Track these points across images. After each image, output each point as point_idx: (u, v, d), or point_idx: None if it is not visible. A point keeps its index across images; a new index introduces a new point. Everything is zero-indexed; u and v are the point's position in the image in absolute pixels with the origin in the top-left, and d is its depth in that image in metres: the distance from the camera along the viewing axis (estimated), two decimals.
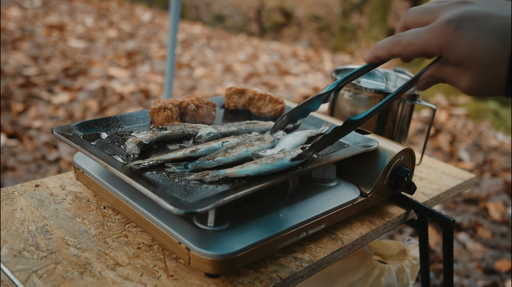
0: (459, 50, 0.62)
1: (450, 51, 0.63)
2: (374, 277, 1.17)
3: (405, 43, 0.67)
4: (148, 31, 6.42)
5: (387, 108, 1.14)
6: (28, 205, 0.87)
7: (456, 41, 0.61)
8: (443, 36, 0.62)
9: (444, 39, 0.62)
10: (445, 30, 0.62)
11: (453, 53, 0.62)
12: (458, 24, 0.61)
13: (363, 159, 0.94)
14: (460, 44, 0.61)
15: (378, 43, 0.71)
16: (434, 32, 0.63)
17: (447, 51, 0.63)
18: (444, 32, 0.62)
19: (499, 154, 3.74)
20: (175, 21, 2.86)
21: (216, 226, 0.73)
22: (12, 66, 4.30)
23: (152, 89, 4.28)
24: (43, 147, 3.11)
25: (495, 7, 0.62)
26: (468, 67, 0.62)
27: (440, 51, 0.64)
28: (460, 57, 0.62)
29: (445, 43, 0.62)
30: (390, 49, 0.69)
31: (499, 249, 2.58)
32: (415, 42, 0.66)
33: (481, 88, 0.63)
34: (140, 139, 0.83)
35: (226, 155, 0.80)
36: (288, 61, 6.10)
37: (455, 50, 0.62)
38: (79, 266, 0.72)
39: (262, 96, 1.08)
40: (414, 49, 0.66)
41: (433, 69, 0.70)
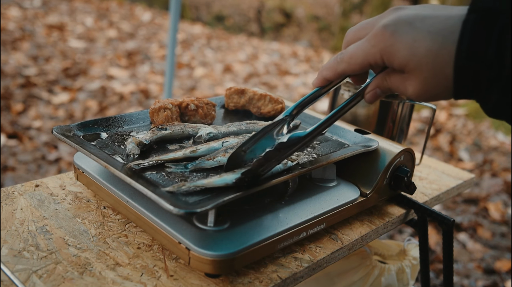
0: (399, 54, 0.60)
1: (391, 56, 0.61)
2: (374, 277, 1.17)
3: (348, 58, 0.65)
4: (148, 31, 6.42)
5: (387, 108, 1.14)
6: (28, 205, 0.87)
7: (395, 45, 0.60)
8: (381, 41, 0.61)
9: (383, 45, 0.61)
10: (382, 36, 0.61)
11: (394, 59, 0.61)
12: (394, 28, 0.60)
13: (363, 159, 0.94)
14: (399, 48, 0.60)
15: (323, 65, 0.70)
16: (372, 40, 0.62)
17: (388, 57, 0.61)
18: (382, 38, 0.61)
19: (499, 154, 3.74)
20: (175, 21, 2.86)
21: (216, 226, 0.73)
22: (12, 66, 4.30)
23: (152, 89, 4.28)
24: (43, 147, 3.11)
25: (430, 9, 0.61)
26: (411, 71, 0.61)
27: (382, 58, 0.62)
28: (401, 61, 0.60)
29: (384, 49, 0.61)
30: (335, 67, 0.68)
31: (499, 249, 2.58)
32: (356, 55, 0.64)
33: (429, 92, 0.61)
34: (140, 139, 0.83)
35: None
36: (288, 61, 6.10)
37: (396, 55, 0.60)
38: (79, 266, 0.72)
39: (262, 96, 1.08)
40: (357, 62, 0.64)
41: (378, 79, 0.69)
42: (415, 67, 0.60)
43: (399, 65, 0.61)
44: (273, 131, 0.76)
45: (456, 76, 0.57)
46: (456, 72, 0.57)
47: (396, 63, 0.61)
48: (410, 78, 0.62)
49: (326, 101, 4.30)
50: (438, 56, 0.57)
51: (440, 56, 0.57)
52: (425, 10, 0.61)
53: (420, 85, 0.61)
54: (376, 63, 0.63)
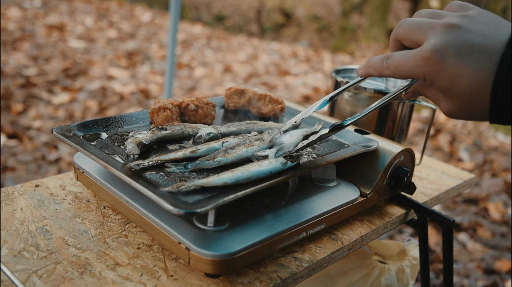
0: (441, 81, 0.64)
1: (433, 80, 0.65)
2: (374, 277, 1.17)
3: (394, 68, 0.69)
4: (148, 31, 6.42)
5: (387, 108, 1.14)
6: (28, 205, 0.87)
7: (439, 73, 0.63)
8: (427, 65, 0.64)
9: (428, 69, 0.64)
10: (429, 60, 0.64)
11: (436, 83, 0.65)
12: (441, 56, 0.63)
13: (363, 159, 0.94)
14: (443, 77, 0.63)
15: (371, 61, 0.73)
16: (419, 61, 0.65)
17: (431, 80, 0.65)
18: (428, 63, 0.64)
19: (499, 154, 3.74)
20: (175, 21, 2.86)
21: (216, 226, 0.73)
22: (12, 66, 4.31)
23: (152, 89, 4.28)
24: (43, 147, 3.11)
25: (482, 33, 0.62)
26: (449, 97, 0.65)
27: (425, 78, 0.66)
28: (442, 87, 0.65)
29: (428, 72, 0.64)
30: (381, 71, 0.72)
31: (499, 249, 2.58)
32: (402, 68, 0.68)
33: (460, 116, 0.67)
34: (140, 139, 0.83)
35: (226, 156, 0.80)
36: (288, 61, 6.10)
37: (438, 81, 0.64)
38: (79, 266, 0.72)
39: (262, 96, 1.08)
40: (401, 74, 0.68)
41: (419, 86, 0.75)
42: (453, 96, 0.64)
43: (439, 88, 0.66)
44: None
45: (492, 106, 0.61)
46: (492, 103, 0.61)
47: (437, 86, 0.66)
48: (446, 100, 0.67)
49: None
50: (475, 93, 0.62)
51: (477, 93, 0.62)
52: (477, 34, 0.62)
53: (454, 109, 0.66)
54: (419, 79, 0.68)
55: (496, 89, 0.60)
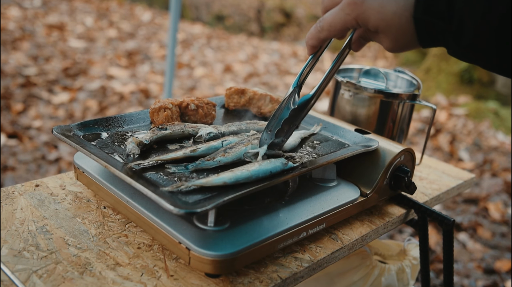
0: (371, 19, 0.70)
1: (364, 21, 0.71)
2: (374, 277, 1.17)
3: (327, 26, 0.74)
4: (148, 31, 6.42)
5: (387, 108, 1.14)
6: (28, 205, 0.87)
7: (366, 12, 0.69)
8: (354, 10, 0.70)
9: (356, 13, 0.70)
10: (354, 5, 0.70)
11: (367, 23, 0.71)
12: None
13: (363, 159, 0.94)
14: (371, 14, 0.69)
15: (307, 35, 0.79)
16: (346, 9, 0.71)
17: (363, 22, 0.71)
18: (354, 7, 0.70)
19: (499, 154, 3.74)
20: (175, 21, 2.86)
21: (216, 226, 0.73)
22: (12, 66, 4.30)
23: (152, 89, 4.28)
24: (43, 147, 3.11)
25: None
26: (383, 31, 0.71)
27: (357, 22, 0.71)
28: (373, 25, 0.70)
29: (358, 16, 0.70)
30: (317, 36, 0.77)
31: (499, 249, 2.58)
32: (334, 23, 0.73)
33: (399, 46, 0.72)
34: (140, 139, 0.83)
35: (225, 155, 0.80)
36: (288, 61, 6.10)
37: (368, 20, 0.70)
38: (79, 266, 0.72)
39: (262, 96, 1.08)
40: (336, 28, 0.74)
41: (360, 31, 0.78)
42: (385, 28, 0.70)
43: (372, 27, 0.71)
44: (288, 103, 0.84)
45: (417, 29, 0.68)
46: (416, 25, 0.67)
47: (370, 26, 0.71)
48: (383, 37, 0.72)
49: (326, 102, 4.30)
50: (402, 17, 0.68)
51: (403, 17, 0.68)
52: None
53: (392, 42, 0.72)
54: (353, 27, 0.73)
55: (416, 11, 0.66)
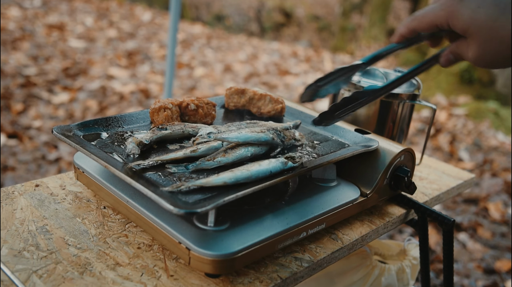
0: (462, 18, 0.67)
1: (455, 20, 0.68)
2: (374, 277, 1.17)
3: (420, 16, 0.73)
4: (148, 31, 6.42)
5: (387, 108, 1.13)
6: (28, 205, 0.87)
7: (460, 10, 0.67)
8: (449, 6, 0.68)
9: (450, 9, 0.68)
10: (451, 1, 0.68)
11: (458, 22, 0.68)
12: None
13: (363, 159, 0.94)
14: (464, 13, 0.66)
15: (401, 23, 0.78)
16: (443, 4, 0.70)
17: (453, 21, 0.69)
18: (450, 3, 0.68)
19: (499, 154, 3.74)
20: (175, 21, 2.86)
21: (216, 226, 0.73)
22: (12, 66, 4.30)
23: (152, 89, 4.28)
24: (43, 147, 3.11)
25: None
26: (471, 35, 0.67)
27: (447, 21, 0.69)
28: (463, 25, 0.67)
29: (451, 12, 0.68)
30: (408, 24, 0.76)
31: (499, 249, 2.58)
32: (427, 15, 0.72)
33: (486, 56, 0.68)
34: (140, 139, 0.83)
35: (226, 156, 0.80)
36: (288, 61, 6.10)
37: (459, 19, 0.67)
38: (79, 266, 0.72)
39: (262, 96, 1.08)
40: (426, 21, 0.72)
41: (452, 46, 0.75)
42: (475, 30, 0.66)
43: (461, 28, 0.68)
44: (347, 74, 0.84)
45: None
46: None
47: (459, 26, 0.68)
48: (471, 43, 0.68)
49: (326, 101, 4.30)
50: (497, 21, 0.64)
51: (499, 21, 0.64)
52: None
53: (479, 49, 0.67)
54: (441, 26, 0.71)
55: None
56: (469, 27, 0.67)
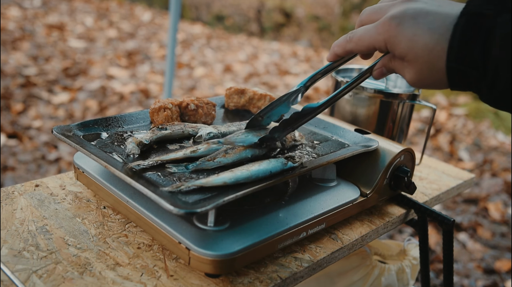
0: (400, 45, 0.66)
1: (393, 46, 0.67)
2: (374, 277, 1.17)
3: (356, 39, 0.71)
4: (148, 31, 6.41)
5: (387, 108, 1.14)
6: (28, 205, 0.87)
7: (397, 37, 0.66)
8: (387, 31, 0.67)
9: (388, 35, 0.67)
10: (388, 26, 0.66)
11: (396, 48, 0.67)
12: (399, 21, 0.65)
13: (363, 159, 0.94)
14: (401, 40, 0.65)
15: (335, 42, 0.76)
16: (379, 28, 0.68)
17: (391, 46, 0.67)
18: (387, 28, 0.67)
19: (499, 154, 3.74)
20: (175, 21, 2.86)
21: (216, 226, 0.73)
22: (12, 66, 4.30)
23: (152, 89, 4.28)
24: (43, 147, 3.11)
25: (436, 5, 0.65)
26: (409, 61, 0.66)
27: (385, 45, 0.68)
28: (402, 52, 0.66)
29: (388, 38, 0.67)
30: (344, 45, 0.74)
31: (499, 249, 2.58)
32: (364, 38, 0.70)
33: (423, 81, 0.67)
34: (140, 139, 0.83)
35: (226, 156, 0.80)
36: (288, 61, 6.10)
37: (397, 45, 0.66)
38: (79, 266, 0.72)
39: (262, 96, 1.08)
40: (364, 44, 0.70)
41: (385, 60, 0.74)
42: (412, 58, 0.65)
43: (399, 54, 0.67)
44: (289, 99, 0.83)
45: (448, 74, 0.63)
46: (448, 72, 0.63)
47: (397, 52, 0.67)
48: (408, 67, 0.68)
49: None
50: (433, 51, 0.63)
51: (435, 51, 0.63)
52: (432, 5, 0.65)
53: (416, 74, 0.67)
54: (380, 49, 0.70)
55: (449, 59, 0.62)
56: (407, 54, 0.66)
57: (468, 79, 0.62)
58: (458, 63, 0.61)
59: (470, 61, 0.60)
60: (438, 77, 0.65)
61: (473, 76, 0.61)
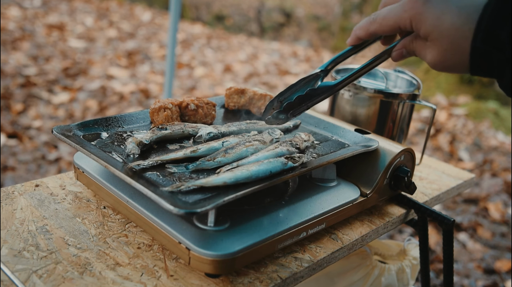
0: (426, 23, 0.65)
1: (419, 24, 0.66)
2: (374, 277, 1.17)
3: (380, 19, 0.70)
4: (148, 31, 6.42)
5: (387, 108, 1.14)
6: (28, 205, 0.87)
7: (424, 14, 0.65)
8: (413, 9, 0.66)
9: (414, 12, 0.66)
10: (415, 3, 0.65)
11: (421, 26, 0.66)
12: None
13: (363, 159, 0.94)
14: (428, 18, 0.64)
15: (357, 25, 0.75)
16: (405, 6, 0.67)
17: (416, 24, 0.66)
18: (414, 5, 0.66)
19: (499, 154, 3.74)
20: (175, 21, 2.86)
21: (216, 226, 0.73)
22: (12, 66, 4.30)
23: (152, 89, 4.28)
24: (43, 147, 3.11)
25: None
26: (433, 40, 0.65)
27: (411, 23, 0.67)
28: (427, 30, 0.65)
29: (414, 15, 0.66)
30: (367, 27, 0.73)
31: (499, 249, 2.58)
32: (389, 17, 0.69)
33: (445, 63, 0.66)
34: (140, 139, 0.83)
35: (226, 156, 0.80)
36: (288, 61, 6.10)
37: (423, 23, 0.65)
38: (79, 266, 0.72)
39: (262, 96, 1.08)
40: (388, 24, 0.69)
41: (406, 41, 0.73)
42: (437, 37, 0.64)
43: (424, 32, 0.66)
44: (308, 84, 0.81)
45: (472, 55, 0.62)
46: (472, 53, 0.61)
47: (422, 30, 0.66)
48: (431, 47, 0.66)
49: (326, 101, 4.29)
50: (459, 30, 0.62)
51: (461, 31, 0.62)
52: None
53: (439, 55, 0.66)
54: (405, 28, 0.68)
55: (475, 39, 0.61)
56: (431, 32, 0.64)
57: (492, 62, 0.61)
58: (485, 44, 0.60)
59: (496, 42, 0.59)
60: (461, 59, 0.64)
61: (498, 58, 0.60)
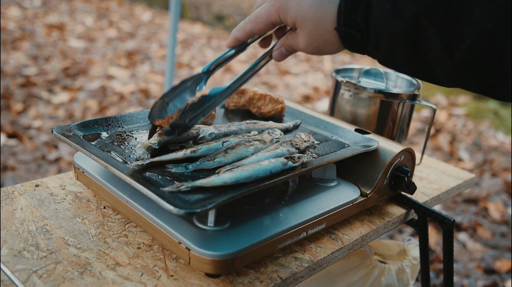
0: (290, 11, 0.70)
1: (285, 14, 0.71)
2: (374, 277, 1.17)
3: (254, 18, 0.74)
4: (148, 31, 6.42)
5: (387, 108, 1.14)
6: (28, 205, 0.87)
7: (287, 3, 0.70)
8: (278, 1, 0.71)
9: (279, 4, 0.71)
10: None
11: (287, 16, 0.70)
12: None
13: (363, 159, 0.94)
14: (290, 6, 0.69)
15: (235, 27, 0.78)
16: (272, 1, 0.72)
17: (283, 15, 0.71)
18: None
19: (499, 154, 3.74)
20: (175, 21, 2.86)
21: (216, 226, 0.73)
22: (12, 66, 4.30)
23: (152, 89, 4.28)
24: (43, 147, 3.11)
25: None
26: (300, 26, 0.70)
27: (279, 15, 0.71)
28: (292, 18, 0.70)
29: (280, 7, 0.70)
30: (244, 28, 0.76)
31: (499, 249, 2.58)
32: (260, 14, 0.73)
33: (313, 44, 0.71)
34: (149, 144, 0.83)
35: (226, 156, 0.80)
36: (288, 60, 6.09)
37: (288, 12, 0.70)
38: (79, 266, 0.72)
39: (262, 96, 1.08)
40: (261, 21, 0.73)
41: (282, 39, 0.77)
42: (301, 21, 0.69)
43: (291, 21, 0.71)
44: (192, 86, 0.83)
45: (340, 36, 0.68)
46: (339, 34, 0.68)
47: (289, 19, 0.71)
48: (300, 33, 0.71)
49: (326, 101, 4.30)
50: (317, 11, 0.67)
51: (319, 12, 0.67)
52: None
53: (305, 37, 0.71)
54: (276, 21, 0.73)
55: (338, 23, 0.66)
56: (296, 18, 0.69)
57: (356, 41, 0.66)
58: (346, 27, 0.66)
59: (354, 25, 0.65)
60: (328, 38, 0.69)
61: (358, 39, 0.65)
